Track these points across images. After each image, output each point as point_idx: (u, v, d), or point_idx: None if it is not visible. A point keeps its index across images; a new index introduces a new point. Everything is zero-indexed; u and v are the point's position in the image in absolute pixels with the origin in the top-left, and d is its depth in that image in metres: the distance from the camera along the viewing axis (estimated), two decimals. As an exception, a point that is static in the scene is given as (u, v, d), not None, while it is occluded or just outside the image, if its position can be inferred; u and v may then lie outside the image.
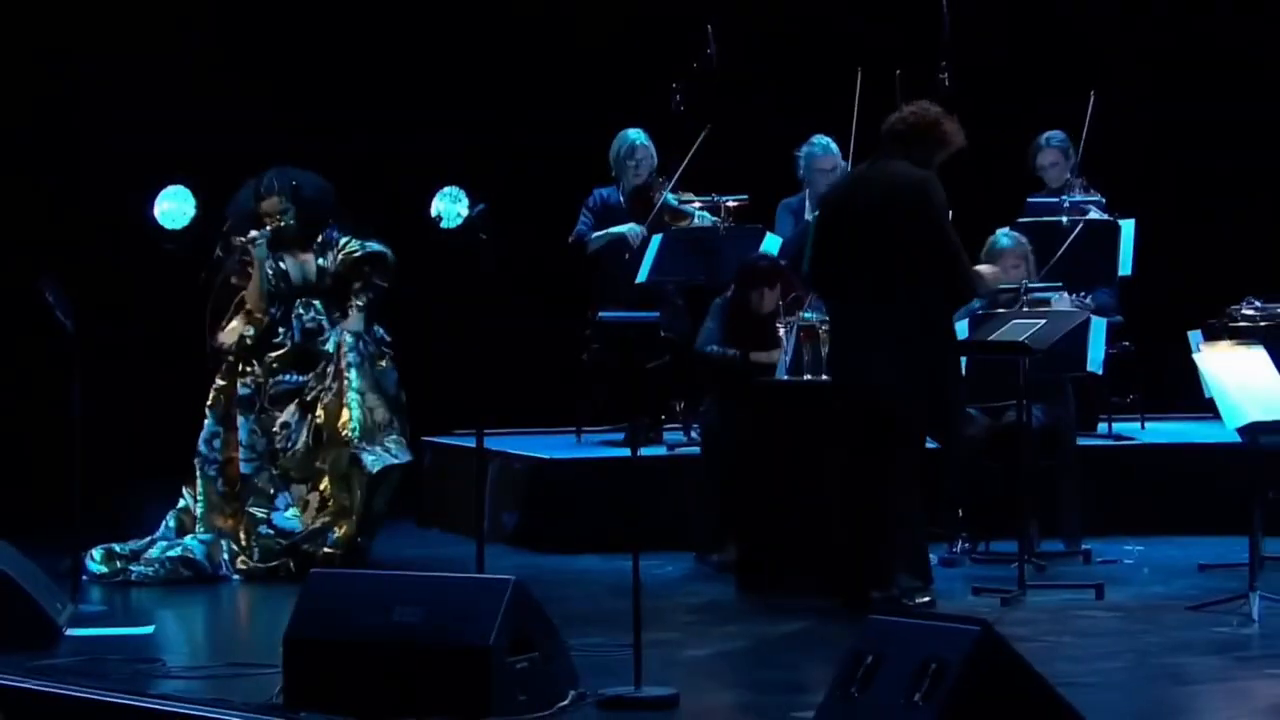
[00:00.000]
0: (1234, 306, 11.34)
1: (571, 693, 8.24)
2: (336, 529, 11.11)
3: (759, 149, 12.61)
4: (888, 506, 9.99)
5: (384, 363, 11.40)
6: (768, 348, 11.18)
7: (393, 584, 8.50)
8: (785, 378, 10.90)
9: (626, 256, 12.24)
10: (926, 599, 9.99)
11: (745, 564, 10.77)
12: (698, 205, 12.38)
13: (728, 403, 11.17)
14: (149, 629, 9.79)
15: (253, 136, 13.93)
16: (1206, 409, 10.64)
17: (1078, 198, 12.14)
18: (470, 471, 10.90)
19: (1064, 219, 11.81)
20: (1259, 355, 10.25)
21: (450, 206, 11.66)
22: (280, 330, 11.38)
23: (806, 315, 10.90)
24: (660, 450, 12.25)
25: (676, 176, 12.27)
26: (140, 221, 12.94)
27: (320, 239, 11.45)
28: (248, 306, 11.41)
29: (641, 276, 12.08)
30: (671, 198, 12.36)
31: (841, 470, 10.13)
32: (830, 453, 10.25)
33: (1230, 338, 10.76)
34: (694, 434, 12.18)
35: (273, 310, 11.38)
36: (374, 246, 11.42)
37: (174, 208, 13.50)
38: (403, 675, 8.00)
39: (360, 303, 11.35)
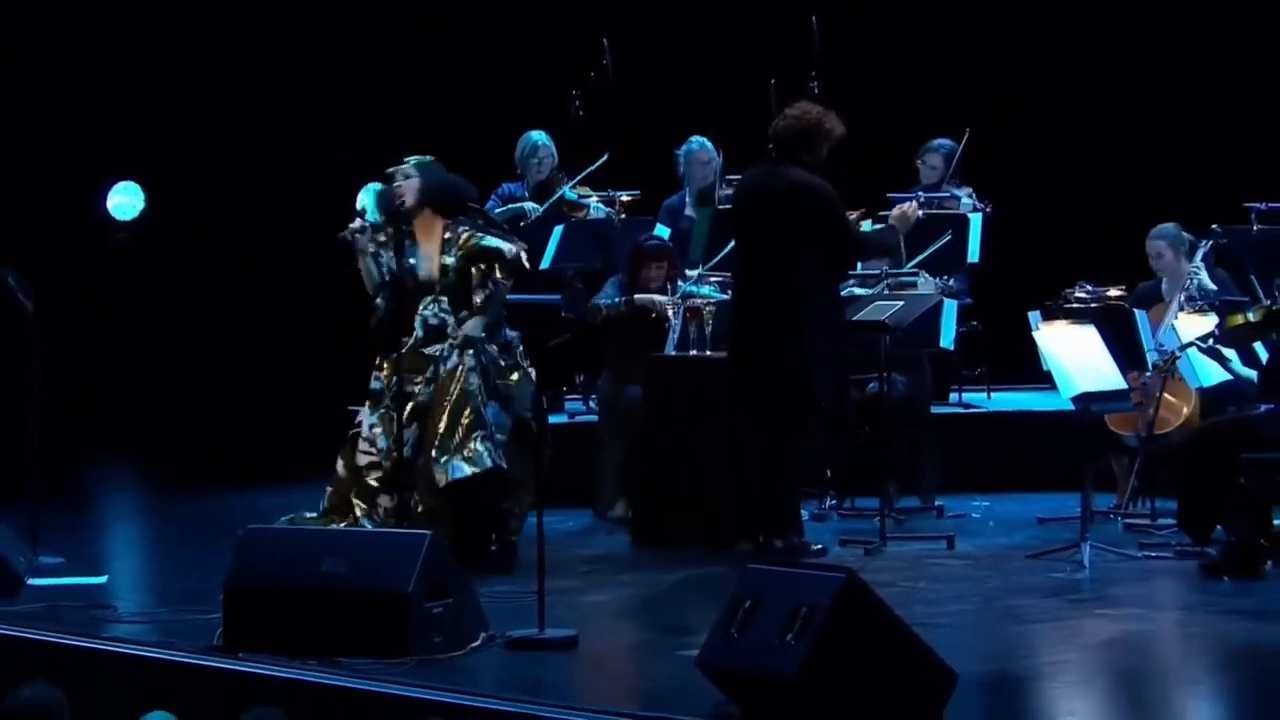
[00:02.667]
0: (1068, 290, 11.41)
1: (482, 635, 8.24)
2: None
3: (649, 150, 12.60)
4: (787, 469, 10.05)
5: (515, 376, 10.01)
6: (657, 328, 11.19)
7: (321, 538, 8.51)
8: (674, 353, 10.91)
9: (521, 224, 12.13)
10: (819, 547, 10.05)
11: (638, 519, 10.78)
12: (595, 199, 12.37)
13: (622, 374, 11.18)
14: (103, 579, 9.71)
15: (200, 134, 13.90)
16: (1044, 380, 10.72)
17: (946, 194, 12.18)
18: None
19: (921, 212, 11.82)
20: (1090, 333, 10.32)
21: (373, 201, 11.56)
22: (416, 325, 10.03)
23: (694, 289, 10.93)
24: (562, 418, 12.25)
25: (577, 180, 12.25)
26: (93, 213, 12.90)
27: (447, 235, 10.08)
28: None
29: (545, 263, 12.07)
30: (571, 193, 12.34)
31: (746, 437, 10.18)
32: (728, 421, 10.30)
33: (1065, 318, 10.82)
34: (592, 404, 12.18)
35: (378, 301, 10.11)
36: (491, 241, 10.09)
37: (125, 201, 13.45)
38: (330, 620, 7.99)
39: (477, 299, 10.01)
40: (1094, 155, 13.78)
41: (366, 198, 11.08)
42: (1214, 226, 11.27)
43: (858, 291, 10.92)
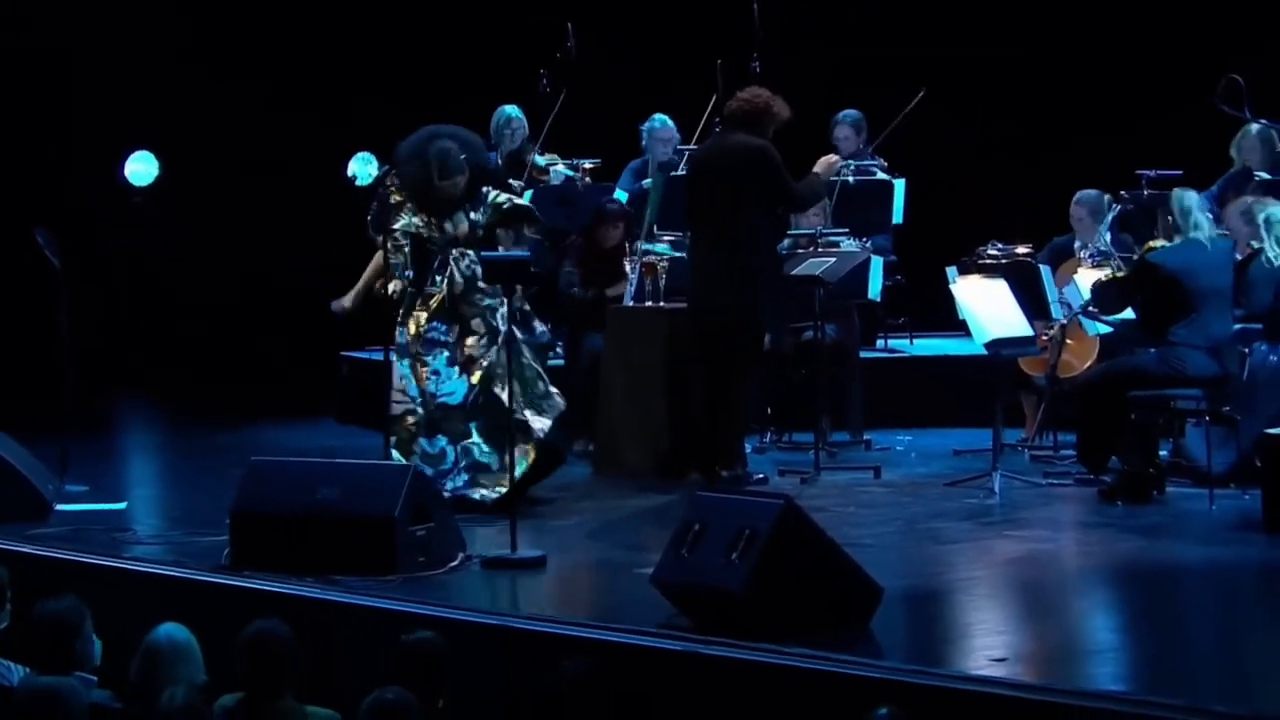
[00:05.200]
0: (981, 248, 11.40)
1: (460, 555, 8.24)
2: (484, 488, 9.44)
3: (610, 122, 12.57)
4: (732, 407, 10.05)
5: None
6: (616, 280, 11.15)
7: (317, 469, 8.47)
8: (630, 304, 10.88)
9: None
10: (760, 476, 10.05)
11: (599, 453, 10.75)
12: (561, 165, 12.31)
13: (584, 324, 11.16)
14: (122, 505, 9.68)
15: (206, 109, 13.84)
16: (960, 328, 10.71)
17: (865, 162, 12.17)
18: (381, 379, 10.82)
19: (850, 179, 11.82)
20: (1001, 286, 10.33)
21: (363, 168, 11.49)
22: (437, 279, 9.64)
23: (649, 246, 10.90)
24: (532, 361, 12.18)
25: (541, 139, 12.19)
26: (113, 179, 12.83)
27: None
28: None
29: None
30: (540, 159, 12.29)
31: (696, 378, 10.17)
32: (683, 364, 10.29)
33: (978, 272, 10.83)
34: (559, 349, 12.12)
35: (408, 274, 9.65)
36: (521, 201, 10.09)
37: (141, 169, 13.38)
38: (326, 541, 7.99)
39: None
40: (1006, 126, 13.76)
41: (357, 166, 11.02)
42: (1121, 192, 11.27)
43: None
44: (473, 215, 9.76)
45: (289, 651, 6.20)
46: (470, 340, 9.64)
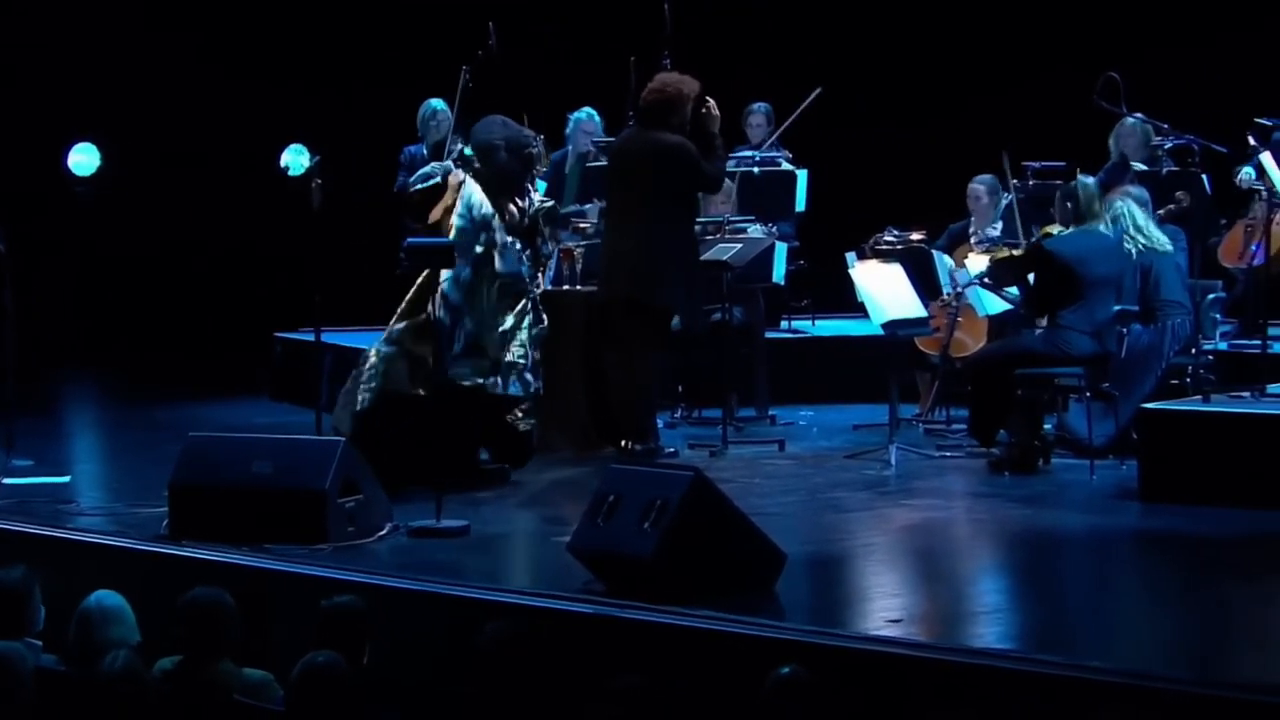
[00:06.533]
0: (878, 235, 11.43)
1: (388, 525, 8.20)
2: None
3: (528, 115, 12.53)
4: (644, 385, 10.04)
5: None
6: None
7: (251, 444, 8.42)
8: (550, 287, 10.85)
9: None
10: (671, 450, 10.04)
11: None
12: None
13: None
14: (66, 478, 9.59)
15: (151, 102, 13.76)
16: (859, 310, 10.75)
17: (770, 154, 12.18)
18: (312, 359, 10.78)
19: (755, 169, 11.84)
20: (896, 270, 10.36)
21: (296, 159, 11.39)
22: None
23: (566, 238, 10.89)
24: (456, 341, 12.14)
25: (465, 131, 12.11)
26: (56, 169, 12.71)
27: None
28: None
29: (442, 212, 11.97)
30: (467, 149, 12.22)
31: (611, 357, 10.15)
32: (598, 344, 10.27)
33: (875, 258, 10.86)
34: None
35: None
36: (550, 201, 9.97)
37: (83, 159, 13.26)
38: (260, 513, 7.93)
39: (546, 251, 9.77)
40: (900, 120, 13.81)
41: (291, 157, 10.92)
42: (1014, 181, 11.32)
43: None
44: (520, 201, 9.62)
45: (225, 617, 6.18)
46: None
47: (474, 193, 9.37)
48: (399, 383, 9.17)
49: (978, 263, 10.60)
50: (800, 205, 11.96)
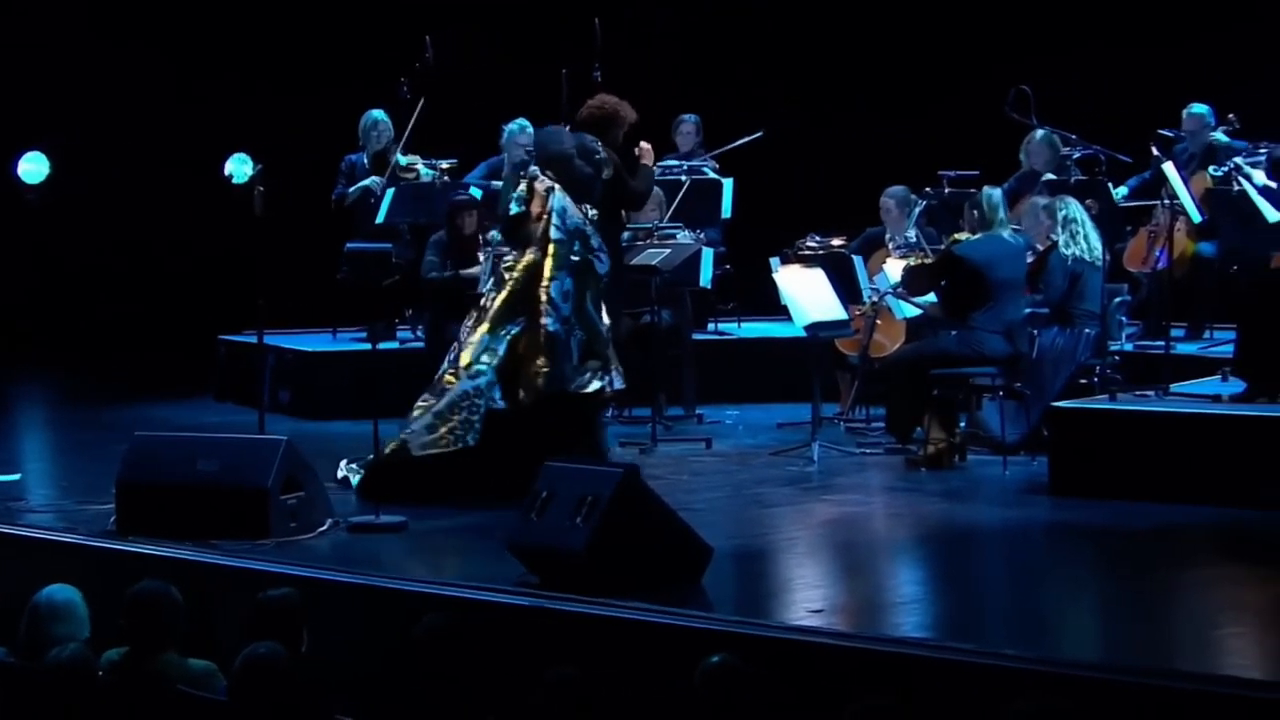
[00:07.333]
0: (800, 240, 11.46)
1: (329, 520, 8.17)
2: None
3: (464, 125, 12.51)
4: None
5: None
6: (471, 265, 11.10)
7: (196, 442, 8.37)
8: (485, 289, 10.81)
9: (371, 201, 12.06)
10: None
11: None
12: (421, 165, 12.23)
13: (444, 309, 11.08)
14: (16, 476, 9.50)
15: (99, 112, 13.67)
16: (782, 313, 10.76)
17: (698, 163, 12.20)
18: (255, 360, 10.73)
19: (684, 177, 11.86)
20: (818, 274, 10.39)
21: (239, 168, 11.33)
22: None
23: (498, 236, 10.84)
24: (394, 345, 12.11)
25: (403, 141, 12.10)
26: (6, 177, 12.63)
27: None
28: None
29: (380, 218, 11.95)
30: (403, 159, 12.20)
31: None
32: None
33: (798, 262, 10.88)
34: (419, 333, 12.07)
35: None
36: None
37: (32, 168, 13.17)
38: (205, 509, 7.89)
39: None
40: (823, 131, 13.86)
41: (234, 166, 10.86)
42: (927, 189, 11.37)
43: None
44: (592, 213, 9.26)
45: (169, 609, 6.13)
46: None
47: (564, 202, 9.10)
48: (498, 404, 8.88)
49: (895, 267, 10.65)
50: (726, 212, 11.97)
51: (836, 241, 11.43)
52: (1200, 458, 8.57)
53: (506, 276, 9.04)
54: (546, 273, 8.93)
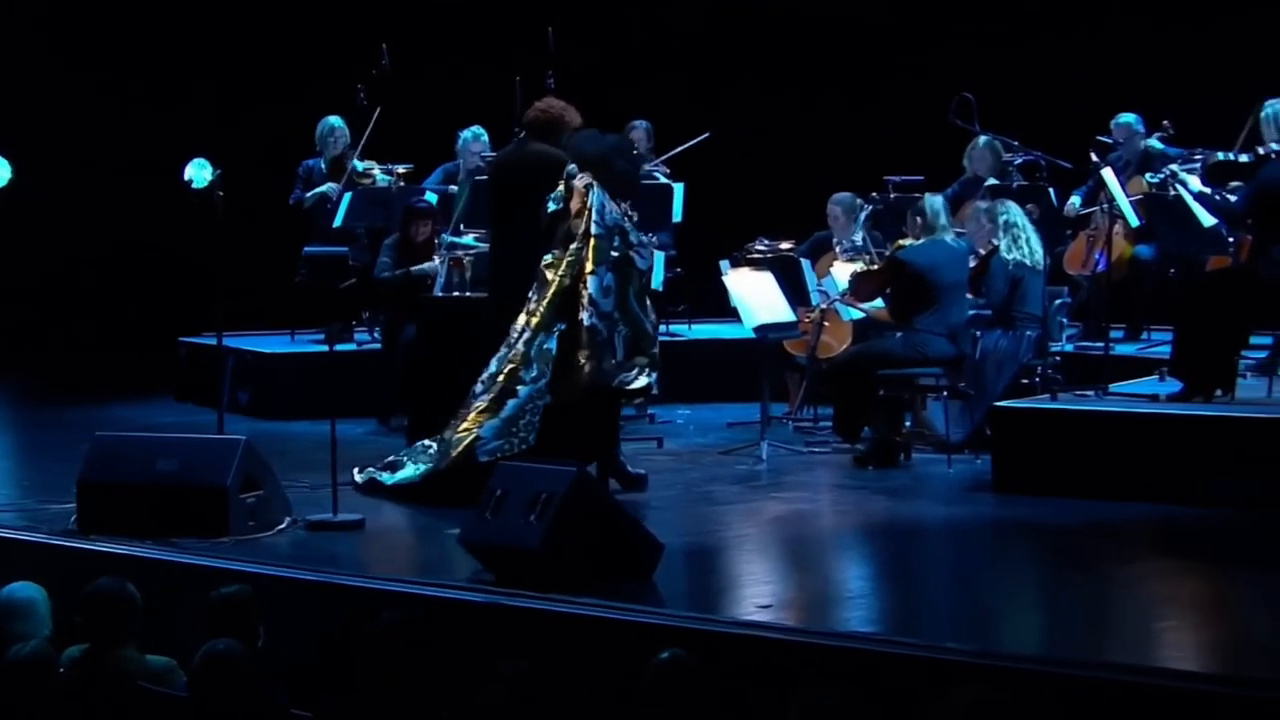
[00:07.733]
0: (750, 244, 11.49)
1: (287, 519, 8.16)
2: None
3: (420, 131, 12.50)
4: None
5: None
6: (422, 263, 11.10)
7: (156, 442, 8.33)
8: (440, 294, 10.81)
9: (329, 206, 12.06)
10: None
11: (412, 427, 10.65)
12: (378, 170, 12.21)
13: (399, 311, 11.07)
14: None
15: (61, 117, 13.60)
16: (732, 315, 10.78)
17: (650, 168, 12.22)
18: (215, 362, 10.69)
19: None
20: (767, 278, 10.41)
21: (199, 173, 11.28)
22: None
23: (456, 239, 10.84)
24: (351, 346, 12.09)
25: (360, 146, 12.09)
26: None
27: None
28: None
29: (337, 222, 11.94)
30: (359, 164, 12.18)
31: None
32: (485, 348, 10.21)
33: (748, 265, 10.91)
34: (376, 334, 12.05)
35: None
36: None
37: (-4, 173, 13.08)
38: (164, 508, 7.86)
39: None
40: (770, 138, 13.88)
41: (194, 171, 10.81)
42: (873, 194, 11.41)
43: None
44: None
45: (127, 605, 6.11)
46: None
47: (603, 198, 8.93)
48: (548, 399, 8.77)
49: (842, 270, 10.69)
50: (677, 216, 11.99)
51: (785, 245, 11.46)
52: (1138, 456, 8.62)
53: (549, 275, 8.88)
54: (587, 268, 8.81)
